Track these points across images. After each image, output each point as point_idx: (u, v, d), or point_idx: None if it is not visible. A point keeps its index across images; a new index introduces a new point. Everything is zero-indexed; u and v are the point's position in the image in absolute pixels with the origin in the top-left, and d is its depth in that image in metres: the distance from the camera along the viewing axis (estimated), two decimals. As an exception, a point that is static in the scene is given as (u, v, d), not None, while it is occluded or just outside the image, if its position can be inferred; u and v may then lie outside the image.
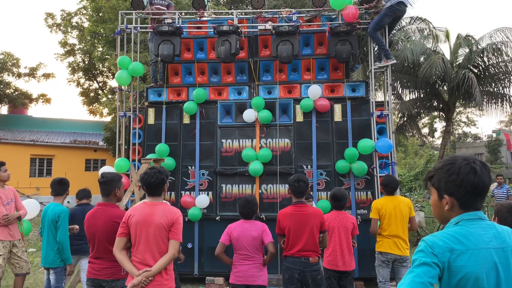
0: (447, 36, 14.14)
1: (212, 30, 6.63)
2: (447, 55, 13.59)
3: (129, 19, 7.20)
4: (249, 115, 6.59)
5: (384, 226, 4.74)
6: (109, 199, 3.58)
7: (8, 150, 19.60)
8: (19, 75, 23.07)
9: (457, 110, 34.19)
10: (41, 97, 24.38)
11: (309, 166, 6.61)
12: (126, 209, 5.02)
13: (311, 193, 6.40)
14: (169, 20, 6.84)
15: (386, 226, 4.72)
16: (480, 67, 13.29)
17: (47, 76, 24.09)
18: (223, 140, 6.84)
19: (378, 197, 6.12)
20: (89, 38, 20.32)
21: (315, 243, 3.92)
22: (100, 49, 19.64)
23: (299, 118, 6.76)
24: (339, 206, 4.50)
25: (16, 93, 22.87)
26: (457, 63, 13.56)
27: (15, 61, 22.65)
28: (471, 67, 12.96)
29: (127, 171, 6.61)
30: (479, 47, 12.97)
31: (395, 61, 6.63)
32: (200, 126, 6.91)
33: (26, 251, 5.32)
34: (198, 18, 7.13)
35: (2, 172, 5.00)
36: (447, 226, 1.67)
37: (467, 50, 13.16)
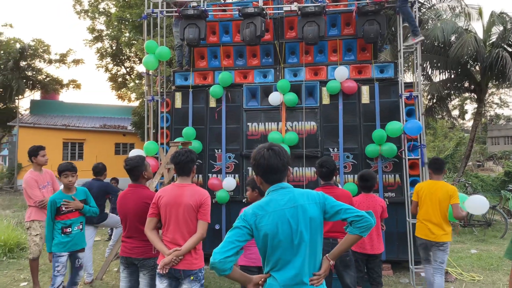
0: (480, 13, 13.59)
1: (237, 12, 6.60)
2: (480, 34, 13.08)
3: (155, 3, 7.24)
4: (274, 98, 6.56)
5: (419, 209, 4.74)
6: (139, 182, 3.70)
7: (42, 134, 20.30)
8: (50, 62, 23.69)
9: (490, 91, 33.03)
10: (71, 83, 25.00)
11: (335, 149, 6.56)
12: (156, 191, 5.14)
13: (338, 176, 6.38)
14: (194, 4, 6.84)
15: (420, 209, 4.72)
16: (515, 46, 12.75)
17: (76, 62, 24.63)
18: (249, 124, 6.87)
19: (406, 180, 6.04)
20: (116, 23, 20.59)
21: (343, 224, 3.92)
22: (127, 34, 19.89)
23: (326, 100, 6.69)
24: (367, 187, 4.46)
25: (48, 79, 23.52)
26: (490, 41, 13.04)
27: (46, 47, 23.24)
28: (505, 46, 12.44)
29: (156, 154, 6.75)
30: (515, 24, 12.42)
31: (422, 38, 6.40)
32: (226, 110, 6.95)
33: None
34: (223, 1, 7.11)
35: (40, 156, 5.19)
36: (265, 196, 2.25)
37: (501, 28, 12.63)
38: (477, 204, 4.80)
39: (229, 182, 6.59)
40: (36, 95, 24.74)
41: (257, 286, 2.20)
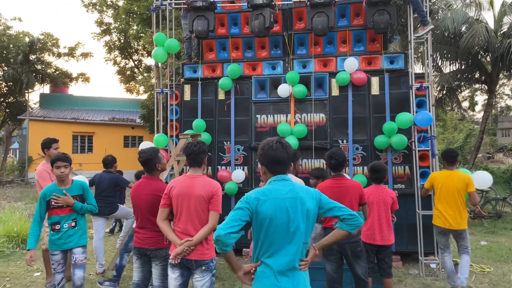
0: (491, 3, 13.42)
1: (246, 4, 6.57)
2: (491, 24, 12.92)
3: (163, -5, 7.22)
4: (283, 90, 6.55)
5: (436, 199, 4.99)
6: (153, 173, 3.74)
7: (51, 127, 20.48)
8: (59, 55, 23.80)
9: (500, 82, 32.62)
10: (80, 76, 25.12)
11: (344, 141, 6.55)
12: (166, 183, 5.19)
13: (347, 168, 6.37)
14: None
15: (437, 199, 4.96)
16: (527, 36, 12.57)
17: (85, 55, 24.71)
18: (258, 116, 6.87)
19: (415, 172, 6.02)
20: (124, 16, 20.61)
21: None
22: (135, 27, 19.92)
23: (335, 92, 6.67)
24: (378, 178, 4.47)
25: (57, 72, 23.65)
26: (501, 32, 12.88)
27: (54, 41, 23.33)
28: (517, 36, 12.28)
29: (166, 146, 6.79)
30: (527, 14, 12.24)
31: (432, 27, 6.33)
32: (235, 102, 6.95)
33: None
34: (232, -7, 7.07)
35: (52, 149, 5.23)
36: (266, 184, 2.41)
37: (513, 17, 12.45)
38: (482, 179, 5.34)
39: (238, 174, 6.61)
40: (46, 88, 24.97)
41: (248, 275, 2.32)
